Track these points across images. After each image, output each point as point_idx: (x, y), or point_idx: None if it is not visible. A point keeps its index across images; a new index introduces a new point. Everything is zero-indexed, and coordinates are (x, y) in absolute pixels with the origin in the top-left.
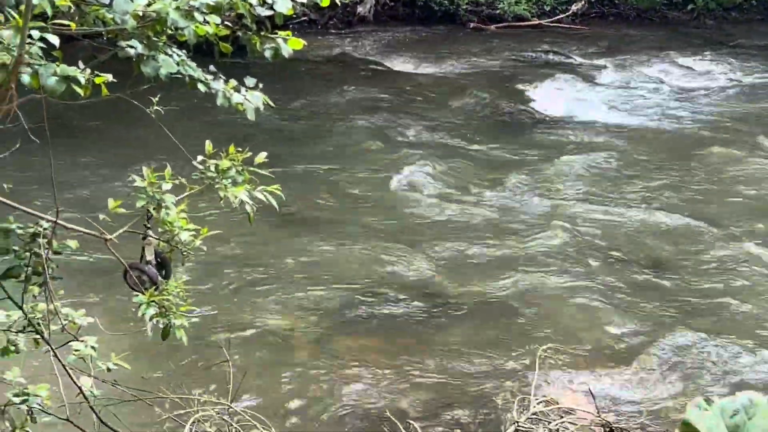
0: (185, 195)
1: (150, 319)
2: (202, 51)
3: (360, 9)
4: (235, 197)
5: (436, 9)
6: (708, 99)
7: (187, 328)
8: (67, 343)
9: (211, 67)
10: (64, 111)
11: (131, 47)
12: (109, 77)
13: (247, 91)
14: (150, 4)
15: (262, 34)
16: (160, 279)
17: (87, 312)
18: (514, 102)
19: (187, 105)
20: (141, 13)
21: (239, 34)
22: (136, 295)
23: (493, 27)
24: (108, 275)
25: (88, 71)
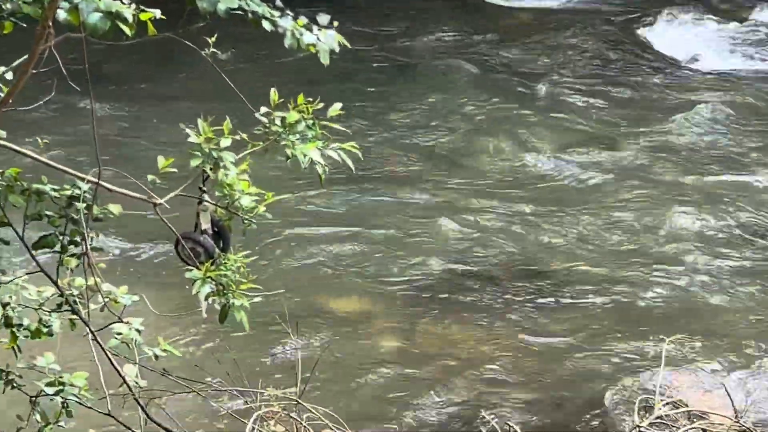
0: (247, 153)
1: (205, 299)
2: None
3: None
4: (305, 156)
5: None
6: None
7: (249, 309)
8: (108, 325)
9: (278, 2)
10: (107, 53)
11: None
12: (157, 13)
13: (319, 29)
14: None
15: None
16: (217, 251)
17: (131, 289)
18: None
19: (248, 47)
20: None
21: None
22: (190, 269)
23: None
24: (157, 246)
25: (133, 6)
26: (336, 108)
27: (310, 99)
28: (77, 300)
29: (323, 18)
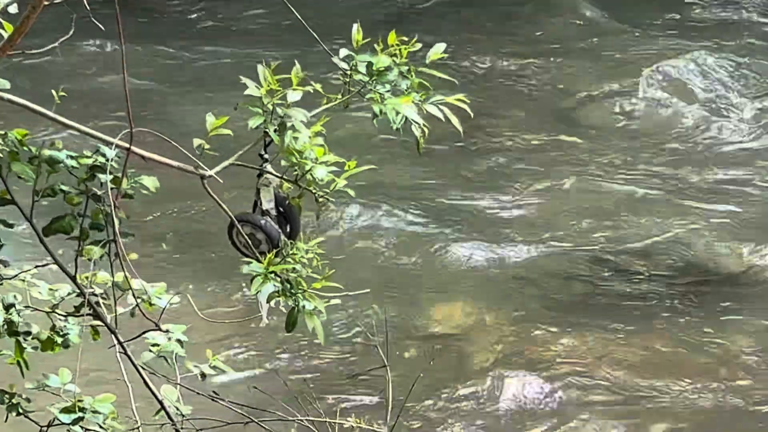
0: (323, 109)
1: (267, 301)
2: None
3: None
4: (397, 113)
5: None
6: None
7: (325, 315)
8: (141, 334)
9: None
10: None
11: None
12: None
13: None
14: None
15: None
16: (282, 238)
17: (171, 287)
18: None
19: None
20: None
21: None
22: (248, 262)
23: None
24: (203, 232)
25: None
26: (438, 49)
27: (404, 38)
28: (101, 301)
29: None
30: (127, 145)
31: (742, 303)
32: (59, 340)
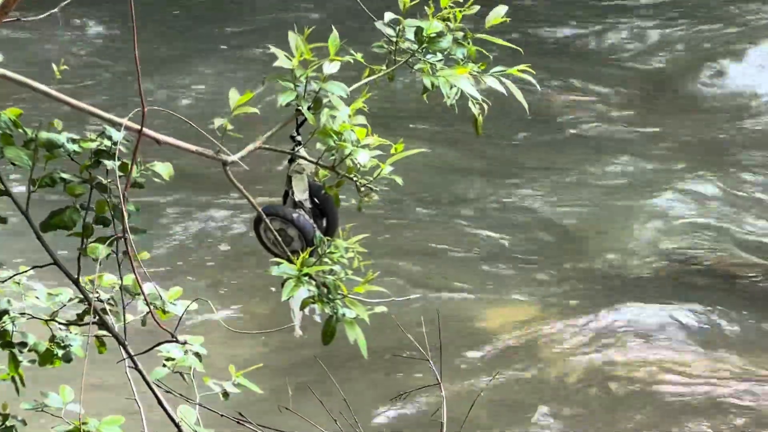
0: (364, 82)
1: (301, 308)
2: None
3: None
4: (452, 86)
5: None
6: None
7: (368, 324)
8: (154, 346)
9: None
10: None
11: None
12: None
13: None
14: None
15: None
16: (318, 234)
17: (189, 291)
18: None
19: None
20: None
21: None
22: (278, 262)
23: None
24: (226, 226)
25: None
26: (499, 12)
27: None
28: (107, 308)
29: None
30: (137, 127)
31: None
32: (60, 352)
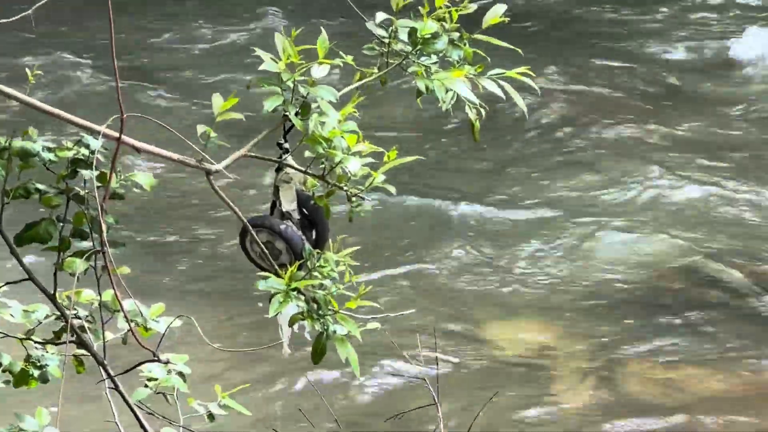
0: (355, 86)
1: (290, 324)
2: None
3: None
4: (447, 90)
5: None
6: None
7: (360, 341)
8: (136, 366)
9: None
10: None
11: None
12: None
13: None
14: None
15: None
16: (307, 247)
17: (171, 308)
18: None
19: None
20: None
21: None
22: (265, 276)
23: None
24: (213, 240)
25: None
26: (497, 12)
27: None
28: (86, 325)
29: None
30: (116, 135)
31: None
32: (36, 372)
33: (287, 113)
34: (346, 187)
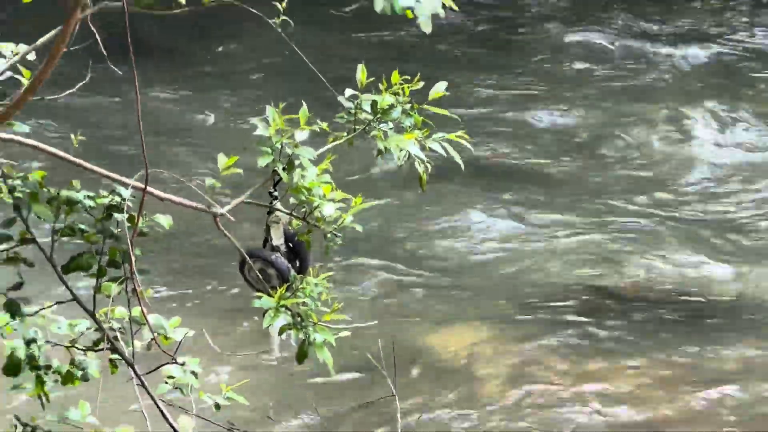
0: (329, 147)
1: (279, 333)
2: None
3: None
4: (400, 149)
5: None
6: None
7: (334, 346)
8: (158, 367)
9: None
10: (152, 26)
11: None
12: None
13: None
14: None
15: None
16: (293, 273)
17: (186, 321)
18: None
19: (325, 17)
20: None
21: None
22: (259, 296)
23: None
24: (217, 267)
25: None
26: (440, 88)
27: (407, 78)
28: (119, 335)
29: None
30: (142, 186)
31: None
32: (79, 373)
33: (276, 169)
34: (322, 227)
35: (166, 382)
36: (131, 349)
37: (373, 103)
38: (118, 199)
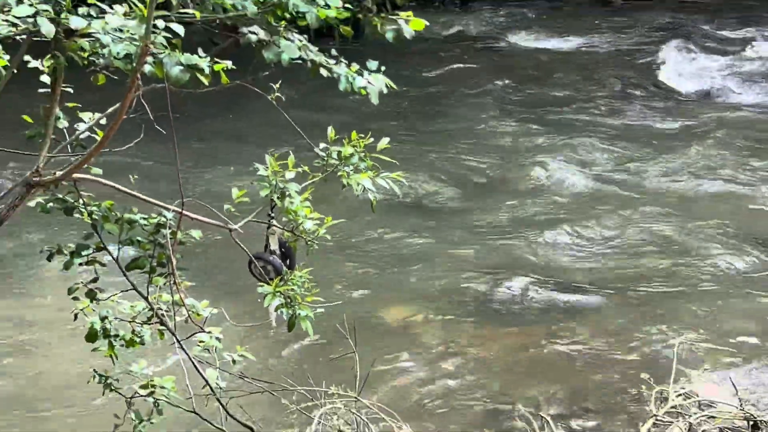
0: (308, 183)
1: (275, 310)
2: (320, 34)
3: None
4: (358, 184)
5: None
6: None
7: (313, 319)
8: (192, 335)
9: (333, 51)
10: (185, 100)
11: (253, 33)
12: (228, 64)
13: (369, 74)
14: None
15: (383, 15)
16: (284, 269)
17: (211, 303)
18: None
19: (306, 91)
20: None
21: (359, 16)
22: (261, 285)
23: (620, 1)
24: (232, 266)
25: (209, 58)
26: (384, 142)
27: (362, 135)
28: (165, 313)
29: (372, 64)
30: (179, 210)
31: None
32: (138, 339)
33: (272, 197)
34: (304, 236)
35: (198, 345)
36: (174, 322)
37: (339, 153)
38: (163, 219)
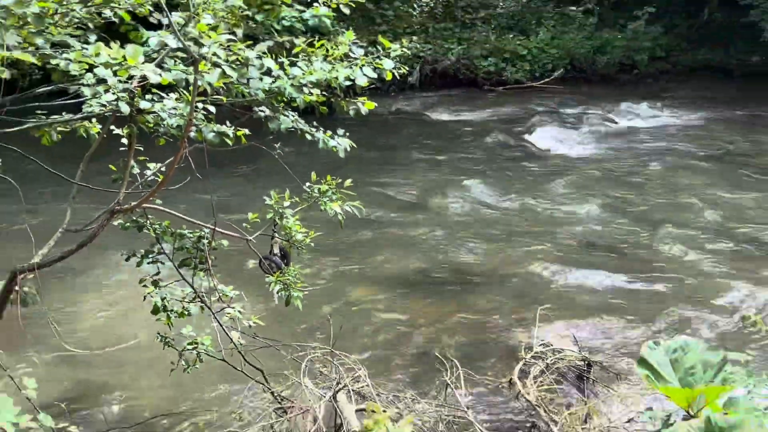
0: (298, 209)
1: (277, 292)
2: (305, 111)
3: (410, 79)
4: (331, 209)
5: (461, 77)
6: (650, 135)
7: (302, 298)
8: (222, 309)
9: (314, 122)
10: (217, 155)
11: (262, 111)
12: (246, 131)
13: (338, 137)
14: (274, 82)
15: (347, 99)
16: (283, 266)
17: (235, 288)
18: (517, 140)
19: (297, 148)
20: (268, 88)
21: (332, 100)
22: (267, 276)
23: (500, 88)
24: (248, 263)
25: (233, 128)
26: (348, 182)
27: (334, 177)
28: (204, 295)
29: (340, 131)
30: (213, 227)
31: None
32: (186, 312)
33: (275, 218)
34: (296, 244)
35: (227, 316)
36: (210, 302)
37: (319, 188)
38: (203, 233)
